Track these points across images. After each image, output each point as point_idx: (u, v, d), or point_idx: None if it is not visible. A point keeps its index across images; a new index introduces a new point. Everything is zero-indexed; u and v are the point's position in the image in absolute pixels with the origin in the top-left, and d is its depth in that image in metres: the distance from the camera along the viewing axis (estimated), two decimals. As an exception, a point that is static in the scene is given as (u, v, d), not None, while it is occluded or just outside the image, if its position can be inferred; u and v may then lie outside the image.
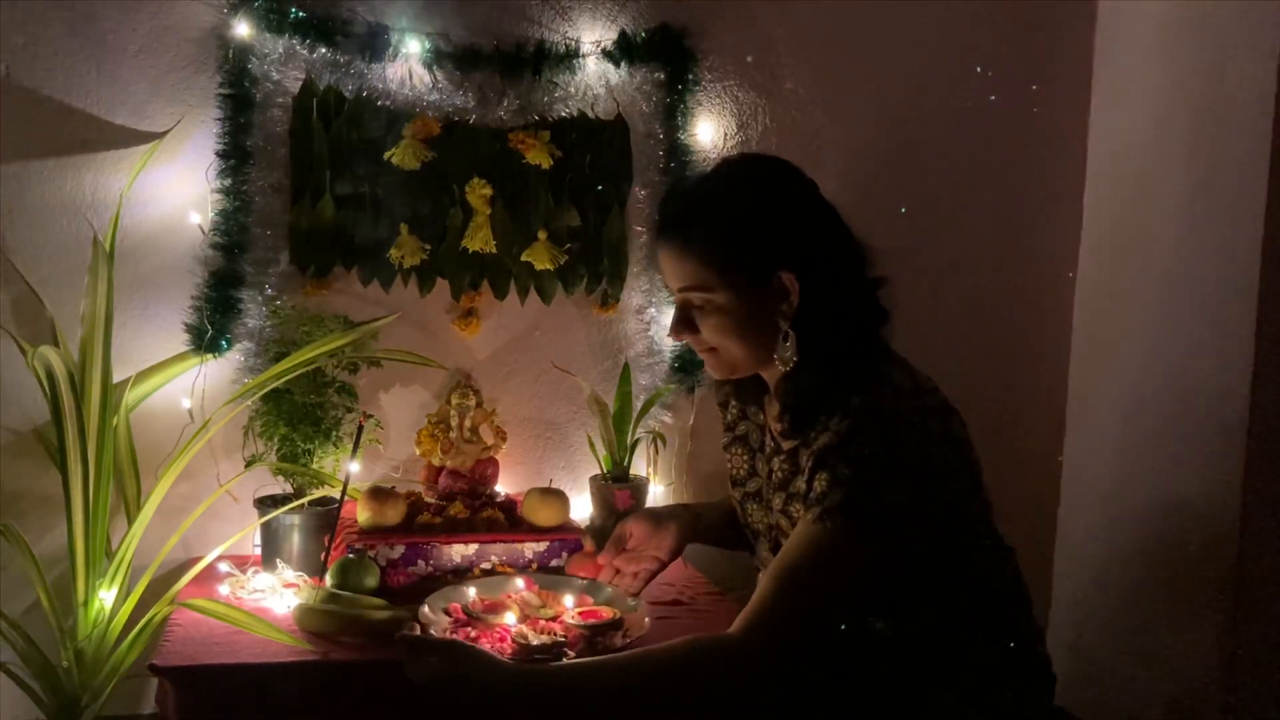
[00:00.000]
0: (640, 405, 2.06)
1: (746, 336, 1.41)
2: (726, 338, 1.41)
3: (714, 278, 1.38)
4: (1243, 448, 1.86)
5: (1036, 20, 2.26)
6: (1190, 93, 2.01)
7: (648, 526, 1.63)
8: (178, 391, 1.95)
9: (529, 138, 2.03)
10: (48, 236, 1.91)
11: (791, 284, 1.37)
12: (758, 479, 1.54)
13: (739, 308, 1.39)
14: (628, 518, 1.66)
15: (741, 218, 1.39)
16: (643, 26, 2.08)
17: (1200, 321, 1.96)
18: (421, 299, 2.06)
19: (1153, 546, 2.05)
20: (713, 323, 1.41)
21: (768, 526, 1.50)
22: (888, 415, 1.34)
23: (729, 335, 1.41)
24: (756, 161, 1.47)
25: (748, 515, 1.56)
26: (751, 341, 1.41)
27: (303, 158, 1.98)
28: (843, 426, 1.33)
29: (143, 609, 1.72)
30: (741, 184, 1.42)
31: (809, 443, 1.37)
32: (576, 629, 1.48)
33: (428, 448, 1.96)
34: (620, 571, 1.65)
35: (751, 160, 1.46)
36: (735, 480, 1.58)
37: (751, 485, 1.55)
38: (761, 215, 1.39)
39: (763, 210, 1.39)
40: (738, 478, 1.57)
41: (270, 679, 1.49)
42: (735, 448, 1.58)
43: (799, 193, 1.42)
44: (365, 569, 1.68)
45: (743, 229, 1.38)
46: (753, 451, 1.55)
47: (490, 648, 1.42)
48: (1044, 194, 2.30)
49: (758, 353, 1.42)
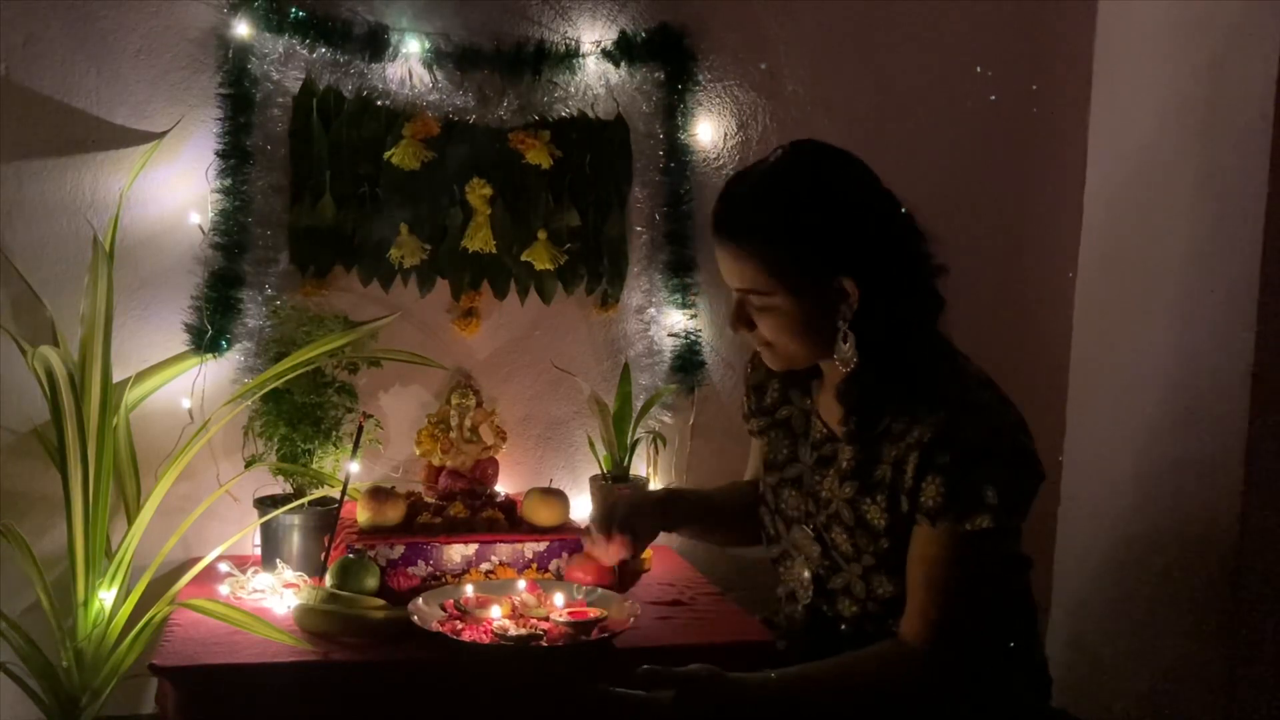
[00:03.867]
0: (640, 405, 2.06)
1: (805, 336, 1.41)
2: (784, 336, 1.41)
3: (771, 282, 1.37)
4: (1243, 447, 1.86)
5: (1036, 20, 2.26)
6: (1190, 93, 2.01)
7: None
8: (178, 391, 1.95)
9: (529, 138, 2.03)
10: (48, 236, 1.91)
11: (851, 288, 1.36)
12: (799, 465, 1.52)
13: (797, 310, 1.38)
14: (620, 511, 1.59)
15: (799, 224, 1.36)
16: (643, 26, 2.08)
17: (1200, 321, 1.96)
18: (421, 299, 2.06)
19: (1153, 546, 2.05)
20: (770, 322, 1.40)
21: (805, 513, 1.50)
22: (980, 405, 1.38)
23: (787, 334, 1.41)
24: (814, 159, 1.42)
25: (780, 500, 1.54)
26: (810, 340, 1.41)
27: (303, 158, 1.98)
28: (939, 419, 1.35)
29: (143, 609, 1.72)
30: (800, 187, 1.38)
31: (893, 435, 1.39)
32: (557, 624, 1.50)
33: (428, 448, 1.96)
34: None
35: (809, 158, 1.41)
36: (772, 464, 1.56)
37: (791, 471, 1.53)
38: (820, 220, 1.36)
39: (821, 215, 1.36)
40: (776, 461, 1.56)
41: (270, 679, 1.50)
42: (775, 432, 1.57)
43: (859, 193, 1.39)
44: (365, 569, 1.68)
45: (800, 236, 1.36)
46: (795, 436, 1.54)
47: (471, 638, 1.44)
48: (1044, 194, 2.30)
49: (817, 350, 1.42)
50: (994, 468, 1.34)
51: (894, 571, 1.42)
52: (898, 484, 1.38)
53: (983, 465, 1.33)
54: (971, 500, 1.33)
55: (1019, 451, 1.37)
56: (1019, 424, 1.39)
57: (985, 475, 1.33)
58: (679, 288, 2.12)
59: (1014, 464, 1.36)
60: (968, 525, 1.33)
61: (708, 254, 2.13)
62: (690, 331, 2.13)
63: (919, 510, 1.36)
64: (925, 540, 1.37)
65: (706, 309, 2.16)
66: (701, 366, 2.15)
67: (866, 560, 1.43)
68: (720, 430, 2.16)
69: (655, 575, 1.93)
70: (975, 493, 1.33)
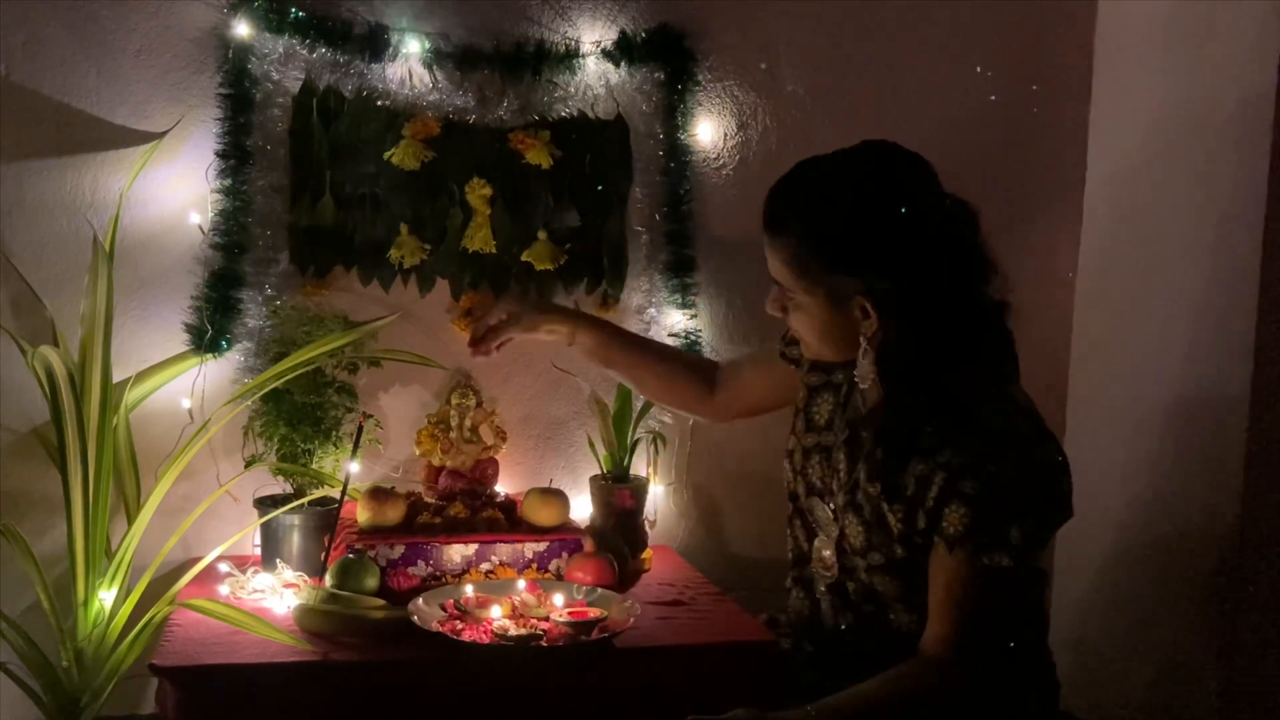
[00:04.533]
0: (640, 405, 2.06)
1: (826, 339, 1.42)
2: (808, 334, 1.44)
3: (796, 282, 1.39)
4: (1243, 447, 1.86)
5: (1036, 20, 2.26)
6: (1190, 92, 2.01)
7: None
8: (178, 391, 1.95)
9: (529, 138, 2.03)
10: (48, 236, 1.91)
11: (869, 310, 1.34)
12: (832, 435, 1.51)
13: (818, 313, 1.39)
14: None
15: (826, 236, 1.35)
16: (643, 26, 2.08)
17: (1200, 321, 1.96)
18: (421, 299, 2.06)
19: (1153, 546, 2.05)
20: (796, 317, 1.43)
21: (827, 488, 1.50)
22: (1019, 437, 1.34)
23: (810, 332, 1.43)
24: (867, 165, 1.37)
25: (808, 463, 1.53)
26: (832, 344, 1.42)
27: (303, 158, 1.98)
28: (972, 445, 1.32)
29: (143, 609, 1.72)
30: (839, 194, 1.35)
31: (922, 451, 1.35)
32: (557, 625, 1.50)
33: (428, 448, 1.96)
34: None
35: (861, 163, 1.37)
36: (811, 425, 1.55)
37: (826, 438, 1.52)
38: (846, 235, 1.34)
39: (849, 229, 1.34)
40: (815, 424, 1.55)
41: (270, 679, 1.50)
42: (825, 394, 1.55)
43: (900, 211, 1.33)
44: (365, 569, 1.68)
45: (825, 247, 1.35)
46: (837, 405, 1.52)
47: (471, 638, 1.46)
48: (1044, 194, 2.30)
49: (842, 354, 1.42)
50: (1022, 505, 1.31)
51: (899, 576, 1.42)
52: (919, 500, 1.35)
53: (1010, 502, 1.31)
54: (994, 537, 1.31)
55: (1051, 491, 1.34)
56: (1057, 464, 1.36)
57: (1012, 512, 1.30)
58: (679, 288, 2.12)
59: (1043, 504, 1.34)
60: (985, 560, 1.31)
61: (708, 254, 2.15)
62: (690, 331, 2.13)
63: (938, 534, 1.35)
64: (943, 562, 1.36)
65: (706, 309, 2.16)
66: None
67: (874, 559, 1.44)
68: (720, 430, 2.15)
69: (655, 575, 1.93)
70: (999, 530, 1.31)
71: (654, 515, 2.10)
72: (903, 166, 1.37)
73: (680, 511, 2.19)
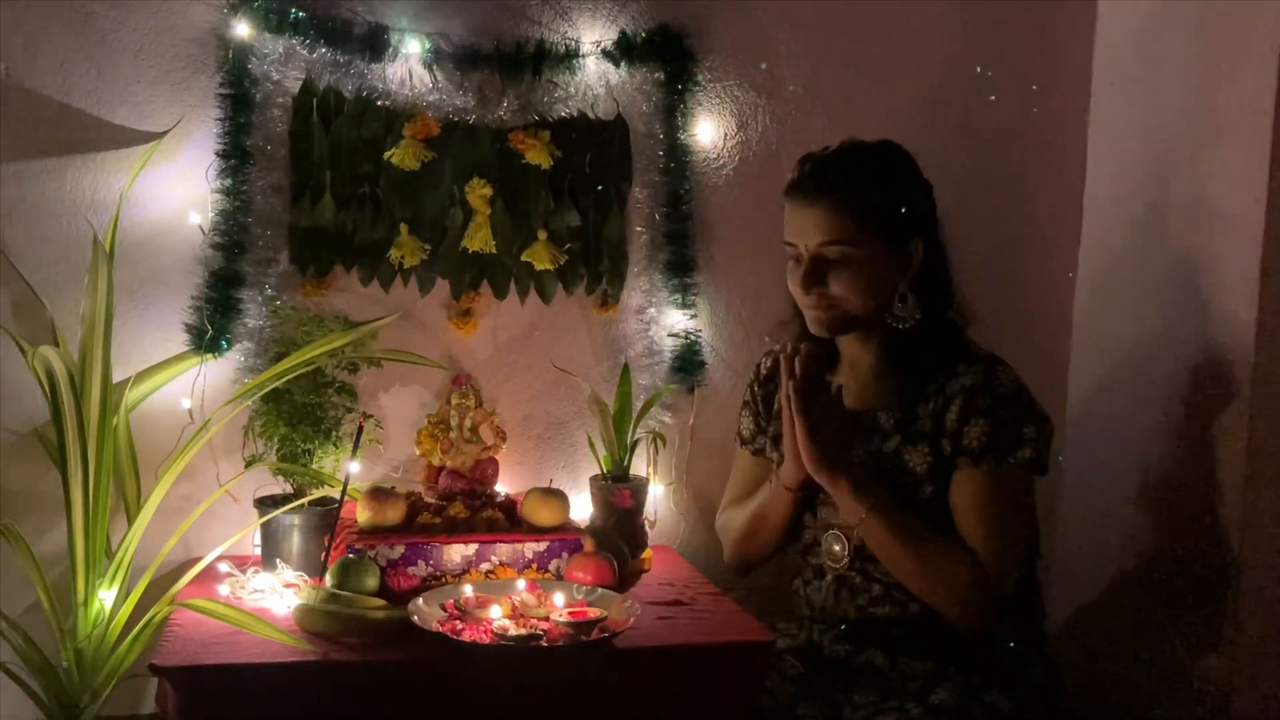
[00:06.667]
0: (640, 405, 2.06)
1: (870, 292, 1.58)
2: (852, 290, 1.57)
3: (859, 233, 1.55)
4: (1244, 447, 1.86)
5: (1036, 20, 2.26)
6: (1190, 93, 2.01)
7: None
8: (178, 391, 1.95)
9: (529, 138, 2.03)
10: (48, 236, 1.91)
11: (918, 251, 1.58)
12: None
13: (871, 264, 1.56)
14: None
15: (893, 186, 1.59)
16: (643, 26, 2.08)
17: (1200, 321, 1.96)
18: (421, 299, 2.06)
19: (1153, 548, 2.05)
20: (845, 276, 1.57)
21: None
22: (1002, 360, 1.62)
23: (855, 288, 1.57)
24: (888, 144, 1.65)
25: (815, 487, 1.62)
26: (873, 298, 1.58)
27: (303, 158, 1.98)
28: (978, 370, 1.57)
29: (142, 609, 1.72)
30: (888, 158, 1.62)
31: (926, 395, 1.59)
32: (557, 625, 1.50)
33: (428, 448, 1.96)
34: None
35: (884, 142, 1.64)
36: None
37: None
38: (907, 187, 1.61)
39: (907, 183, 1.61)
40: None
41: (270, 679, 1.49)
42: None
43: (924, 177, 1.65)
44: (365, 569, 1.68)
45: (893, 195, 1.58)
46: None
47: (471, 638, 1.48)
48: (1044, 194, 2.30)
49: (875, 310, 1.59)
50: (1029, 408, 1.57)
51: (930, 519, 1.55)
52: (939, 430, 1.56)
53: (1019, 406, 1.56)
54: (1014, 437, 1.54)
55: (1035, 398, 1.60)
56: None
57: (1023, 415, 1.55)
58: (679, 288, 2.12)
59: (1038, 407, 1.59)
60: (1010, 459, 1.54)
61: (708, 254, 2.15)
62: (690, 331, 2.13)
63: (962, 453, 1.54)
64: (969, 479, 1.54)
65: (706, 309, 2.16)
66: (701, 367, 2.15)
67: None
68: (720, 430, 2.15)
69: (655, 575, 1.93)
70: (1016, 430, 1.54)
71: (654, 515, 2.11)
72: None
73: (680, 511, 2.19)
